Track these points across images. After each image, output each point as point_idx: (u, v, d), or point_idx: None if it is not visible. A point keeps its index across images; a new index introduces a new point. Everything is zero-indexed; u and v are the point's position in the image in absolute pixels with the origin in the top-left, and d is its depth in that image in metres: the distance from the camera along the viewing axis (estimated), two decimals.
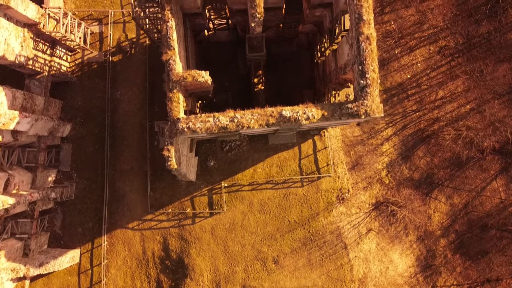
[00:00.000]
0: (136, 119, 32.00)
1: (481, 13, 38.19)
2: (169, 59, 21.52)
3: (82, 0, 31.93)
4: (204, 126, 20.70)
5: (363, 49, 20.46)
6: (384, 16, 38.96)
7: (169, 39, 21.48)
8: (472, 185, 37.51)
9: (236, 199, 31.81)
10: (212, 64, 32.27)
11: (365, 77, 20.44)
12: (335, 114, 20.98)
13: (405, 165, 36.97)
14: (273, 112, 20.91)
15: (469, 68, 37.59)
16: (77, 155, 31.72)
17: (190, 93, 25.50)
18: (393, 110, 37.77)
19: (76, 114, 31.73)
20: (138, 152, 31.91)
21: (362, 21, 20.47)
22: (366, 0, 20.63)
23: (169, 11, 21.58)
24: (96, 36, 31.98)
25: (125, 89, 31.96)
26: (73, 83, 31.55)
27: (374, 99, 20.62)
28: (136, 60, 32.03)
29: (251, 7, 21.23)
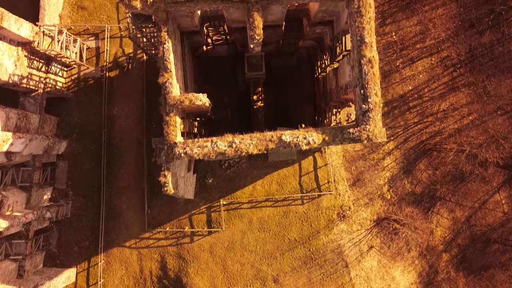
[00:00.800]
0: (133, 136, 31.41)
1: (483, 24, 37.67)
2: (166, 81, 20.95)
3: (78, 15, 31.34)
4: (201, 151, 20.12)
5: (365, 73, 19.88)
6: (385, 27, 38.43)
7: (165, 61, 20.90)
8: (474, 197, 37.01)
9: (235, 217, 31.23)
10: (211, 79, 31.79)
11: (367, 101, 19.86)
12: (336, 138, 20.39)
13: (407, 179, 36.45)
14: (272, 136, 20.32)
15: (472, 79, 37.09)
16: (73, 173, 31.12)
17: (188, 113, 24.94)
18: (394, 123, 37.24)
19: (72, 130, 31.13)
20: (135, 169, 31.33)
21: (364, 44, 19.89)
22: (368, 22, 20.06)
23: (165, 32, 21.00)
24: (92, 51, 31.39)
25: (122, 105, 31.37)
26: (69, 99, 30.97)
27: (376, 124, 20.04)
28: (133, 75, 31.45)
29: (250, 29, 20.65)
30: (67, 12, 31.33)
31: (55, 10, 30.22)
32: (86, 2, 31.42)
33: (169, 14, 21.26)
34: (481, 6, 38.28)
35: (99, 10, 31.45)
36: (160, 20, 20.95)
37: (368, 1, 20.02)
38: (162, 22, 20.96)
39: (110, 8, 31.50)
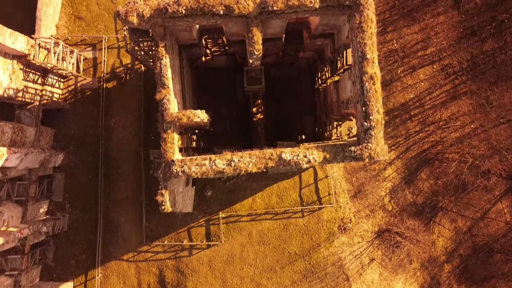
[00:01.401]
0: (131, 147, 30.97)
1: (485, 32, 37.26)
2: (163, 98, 20.52)
3: (75, 25, 30.90)
4: (199, 170, 19.68)
5: (367, 90, 19.45)
6: (387, 35, 38.02)
7: (163, 77, 20.48)
8: (476, 207, 36.58)
9: (235, 230, 30.78)
10: (210, 91, 31.37)
11: (369, 119, 19.43)
12: (337, 156, 19.97)
13: (409, 190, 36.03)
14: (272, 154, 19.89)
15: (474, 87, 36.70)
16: (70, 185, 30.68)
17: (186, 128, 24.52)
18: (396, 132, 36.82)
19: (69, 142, 30.69)
20: (133, 181, 30.89)
21: (366, 60, 19.47)
22: (370, 37, 19.64)
23: (163, 47, 20.58)
24: (89, 62, 30.96)
25: (120, 116, 30.93)
26: (66, 110, 30.54)
27: (378, 142, 19.61)
28: (131, 86, 31.01)
29: (249, 44, 20.22)
30: (64, 22, 30.89)
31: (52, 20, 29.79)
32: (83, 12, 30.98)
33: (167, 29, 20.85)
34: (483, 13, 37.89)
35: (97, 20, 31.02)
36: (158, 35, 20.54)
37: (370, 17, 19.60)
38: (160, 37, 20.54)
39: (107, 18, 31.07)
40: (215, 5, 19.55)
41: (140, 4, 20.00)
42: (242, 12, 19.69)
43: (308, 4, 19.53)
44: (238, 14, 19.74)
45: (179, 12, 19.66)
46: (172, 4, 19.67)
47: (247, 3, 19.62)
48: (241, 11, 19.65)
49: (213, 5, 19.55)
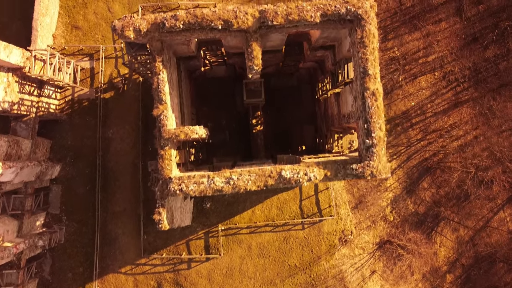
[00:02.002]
0: (129, 159, 30.53)
1: (487, 39, 36.81)
2: (160, 114, 20.07)
3: (72, 34, 30.45)
4: (197, 188, 19.23)
5: (369, 106, 19.01)
6: (388, 42, 37.56)
7: (160, 93, 20.03)
8: (478, 215, 36.12)
9: (234, 243, 30.32)
10: (209, 101, 30.93)
11: (370, 136, 18.98)
12: (338, 174, 19.52)
13: (410, 200, 35.57)
14: (272, 172, 19.43)
15: (476, 94, 36.27)
16: (67, 197, 30.24)
17: (184, 142, 24.06)
18: (397, 141, 36.37)
19: (66, 154, 30.24)
20: (131, 193, 30.44)
21: (368, 76, 19.03)
22: (372, 52, 19.20)
23: (160, 62, 20.14)
24: (87, 72, 30.51)
25: (117, 127, 30.49)
26: (62, 121, 30.08)
27: (380, 159, 19.16)
28: (129, 96, 30.57)
29: (248, 59, 19.77)
30: (61, 32, 30.45)
31: (49, 30, 29.35)
32: (80, 21, 30.55)
33: (164, 43, 20.42)
34: (485, 20, 37.45)
35: (94, 30, 30.58)
36: (155, 50, 20.09)
37: (372, 31, 19.17)
38: (157, 52, 20.10)
39: (105, 28, 30.62)
40: (213, 20, 19.12)
41: (136, 18, 19.56)
42: (241, 27, 19.27)
43: (308, 19, 19.10)
44: (237, 28, 19.32)
45: (177, 26, 19.23)
46: (170, 18, 19.24)
47: (246, 18, 19.20)
48: (240, 25, 19.22)
49: (212, 19, 19.12)
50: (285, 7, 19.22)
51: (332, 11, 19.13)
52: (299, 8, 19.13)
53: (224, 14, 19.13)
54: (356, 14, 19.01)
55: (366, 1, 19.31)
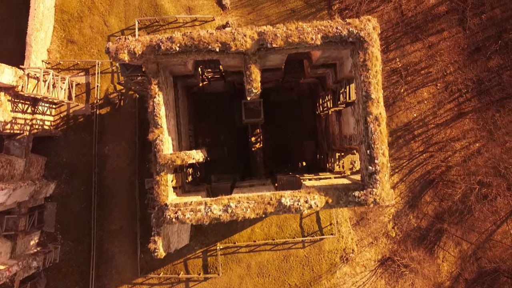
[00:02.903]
0: (125, 176, 29.86)
1: (490, 48, 36.19)
2: (156, 138, 19.42)
3: (67, 49, 29.79)
4: (194, 217, 18.57)
5: (372, 131, 18.34)
6: (389, 53, 36.92)
7: (156, 116, 19.38)
8: (481, 228, 35.46)
9: (233, 262, 29.65)
10: (207, 117, 30.28)
11: (373, 163, 18.31)
12: (340, 201, 18.86)
13: (412, 214, 34.90)
14: (271, 199, 18.77)
15: (479, 105, 35.65)
16: (62, 215, 29.57)
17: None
18: (399, 154, 35.72)
19: (61, 171, 29.58)
20: (128, 211, 29.78)
21: (370, 100, 18.37)
22: (375, 76, 18.54)
23: (156, 85, 19.50)
24: (82, 87, 29.85)
25: (114, 144, 29.82)
26: (58, 137, 29.43)
27: (384, 186, 18.50)
28: (125, 112, 29.91)
29: (247, 82, 19.12)
30: (56, 46, 29.79)
31: (43, 45, 28.71)
32: (76, 35, 29.89)
33: (160, 65, 19.79)
34: (488, 30, 36.81)
35: (90, 44, 29.92)
36: (150, 72, 19.46)
37: (375, 54, 18.52)
38: (152, 74, 19.46)
39: (101, 42, 29.98)
40: (210, 42, 18.47)
41: (131, 40, 18.90)
42: (239, 49, 18.62)
43: (309, 41, 18.45)
44: (235, 51, 18.67)
45: (173, 49, 18.58)
46: (165, 41, 18.59)
47: (245, 40, 18.54)
48: (238, 48, 18.58)
49: (209, 42, 18.47)
50: (285, 29, 18.57)
51: (334, 33, 18.48)
52: (299, 30, 18.49)
53: (222, 37, 18.49)
54: (359, 37, 18.36)
55: (369, 23, 18.67)
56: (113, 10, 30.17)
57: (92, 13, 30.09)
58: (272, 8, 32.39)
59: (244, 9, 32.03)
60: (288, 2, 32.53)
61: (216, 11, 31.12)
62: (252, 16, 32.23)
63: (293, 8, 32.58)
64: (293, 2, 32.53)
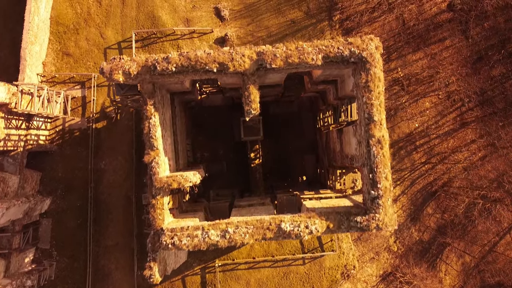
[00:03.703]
0: (122, 191, 29.29)
1: (493, 57, 35.62)
2: (152, 161, 18.83)
3: (63, 62, 29.21)
4: (191, 243, 17.99)
5: (374, 155, 17.76)
6: (391, 63, 36.34)
7: (151, 138, 18.80)
8: (484, 240, 34.89)
9: (232, 279, 29.06)
10: (205, 130, 29.74)
11: (376, 187, 17.73)
12: (342, 226, 18.28)
13: (414, 227, 34.33)
14: (270, 224, 18.20)
15: (481, 114, 35.10)
16: (58, 231, 28.99)
17: None
18: (400, 165, 35.13)
19: (56, 186, 29.00)
20: (124, 227, 29.19)
21: (373, 122, 17.78)
22: (377, 97, 17.96)
23: (151, 105, 18.92)
24: (78, 101, 29.28)
25: (110, 158, 29.25)
26: (53, 152, 28.85)
27: (387, 212, 17.92)
28: (122, 126, 29.33)
29: (246, 104, 18.53)
30: (51, 59, 29.21)
31: (38, 58, 28.13)
32: (71, 48, 29.30)
33: (156, 84, 19.21)
34: (491, 38, 36.24)
35: (86, 57, 29.34)
36: (146, 93, 18.88)
37: (378, 75, 17.94)
38: (148, 94, 18.88)
39: (97, 55, 29.41)
40: (208, 63, 17.89)
41: (126, 60, 18.34)
42: (237, 70, 18.04)
43: (309, 62, 17.88)
44: (233, 71, 18.10)
45: (169, 70, 18.00)
46: (161, 61, 18.01)
47: (243, 60, 17.98)
48: (236, 68, 18.01)
49: (206, 62, 17.89)
50: (285, 49, 18.00)
51: (335, 54, 17.91)
52: (300, 50, 17.91)
53: (220, 57, 17.92)
54: (361, 57, 17.79)
55: (371, 42, 18.10)
56: (110, 22, 29.60)
57: (88, 25, 29.51)
58: (272, 19, 31.82)
59: (243, 20, 31.45)
60: (288, 13, 31.95)
61: (214, 22, 30.55)
62: (251, 27, 31.65)
63: (293, 19, 31.99)
64: (293, 13, 31.94)
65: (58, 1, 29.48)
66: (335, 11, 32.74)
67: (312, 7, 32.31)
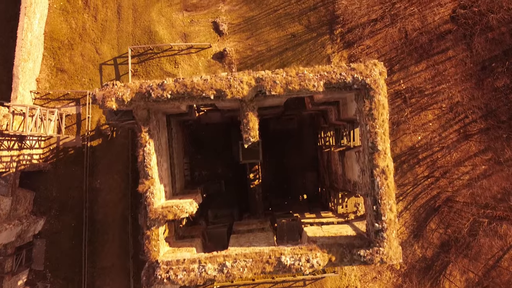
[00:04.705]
0: (118, 211, 28.54)
1: (497, 67, 34.86)
2: (147, 190, 18.08)
3: (57, 78, 28.47)
4: (187, 277, 17.24)
5: (378, 186, 17.01)
6: (393, 75, 35.58)
7: (146, 167, 18.05)
8: (488, 254, 34.13)
9: None
10: (203, 148, 28.99)
11: (380, 220, 16.99)
12: (344, 259, 17.54)
13: (417, 244, 33.56)
14: (270, 257, 17.47)
15: (485, 126, 34.35)
16: (52, 252, 28.24)
17: None
18: (403, 180, 34.37)
19: (50, 206, 28.25)
20: (120, 248, 28.45)
21: (377, 152, 17.03)
22: (382, 125, 17.21)
23: (146, 133, 18.17)
24: (73, 118, 28.53)
25: (106, 177, 28.50)
26: (47, 171, 28.11)
27: (391, 245, 17.17)
28: (118, 144, 28.58)
29: (244, 131, 17.79)
30: (45, 75, 28.47)
31: (31, 75, 27.40)
32: (66, 64, 28.56)
33: (151, 110, 18.47)
34: (494, 48, 35.48)
35: (81, 73, 28.60)
36: (140, 120, 18.13)
37: (382, 102, 17.20)
38: (143, 121, 18.13)
39: (92, 71, 28.66)
40: (204, 90, 17.15)
41: (119, 86, 17.59)
42: (235, 97, 17.30)
43: (310, 89, 17.14)
44: (231, 98, 17.35)
45: (164, 97, 17.26)
46: (156, 88, 17.27)
47: (241, 87, 17.24)
48: (234, 95, 17.27)
49: (203, 89, 17.15)
50: (285, 75, 17.25)
51: (337, 80, 17.16)
52: (300, 76, 17.16)
53: (217, 83, 17.17)
54: (364, 84, 17.04)
55: (375, 68, 17.34)
56: (105, 37, 28.86)
57: (84, 41, 28.77)
58: (272, 33, 31.07)
59: (242, 34, 30.71)
60: (288, 26, 31.20)
61: (213, 37, 29.79)
62: (250, 41, 30.90)
63: (294, 32, 31.25)
64: (293, 27, 31.20)
65: (52, 16, 28.74)
66: (336, 24, 31.99)
67: (313, 20, 31.56)
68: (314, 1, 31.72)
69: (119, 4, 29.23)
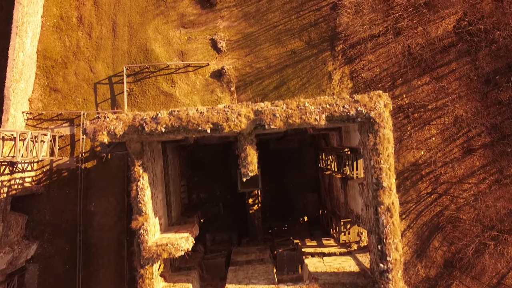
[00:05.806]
0: (113, 234, 27.68)
1: (501, 80, 34.03)
2: (140, 227, 17.26)
3: (50, 98, 27.64)
4: None
5: (383, 224, 16.18)
6: (395, 90, 34.73)
7: (139, 203, 17.25)
8: (492, 271, 33.29)
9: None
10: (201, 170, 28.16)
11: (385, 260, 16.16)
12: None
13: (421, 264, 32.71)
14: None
15: (489, 140, 33.55)
16: (45, 277, 27.37)
17: None
18: (406, 197, 33.51)
19: (43, 230, 27.40)
20: (115, 273, 27.59)
21: (382, 189, 16.21)
22: (387, 160, 16.38)
23: (140, 166, 17.35)
24: (66, 139, 27.70)
25: (100, 200, 27.65)
26: (40, 194, 27.27)
27: (397, 285, 16.34)
28: (113, 166, 27.72)
29: (242, 166, 16.97)
30: (38, 95, 27.64)
31: (24, 95, 26.57)
32: (59, 83, 27.73)
33: (145, 142, 17.66)
34: (498, 61, 34.64)
35: (74, 93, 27.76)
36: (134, 153, 17.32)
37: (387, 136, 16.37)
38: (136, 155, 17.31)
39: (86, 90, 27.83)
40: (200, 124, 16.34)
41: (111, 119, 16.78)
42: (233, 130, 16.49)
43: (312, 122, 16.33)
44: (229, 132, 16.54)
45: (158, 130, 16.44)
46: (150, 121, 16.46)
47: (239, 120, 16.42)
48: (232, 129, 16.45)
49: (199, 123, 16.34)
50: (285, 108, 16.44)
51: (340, 113, 16.35)
52: (301, 109, 16.35)
53: (214, 117, 16.36)
54: (368, 117, 16.22)
55: (379, 99, 16.52)
56: (100, 56, 28.02)
57: (78, 59, 27.94)
58: (271, 50, 30.25)
59: (241, 50, 29.89)
60: (289, 43, 30.38)
61: (211, 55, 28.97)
62: (250, 58, 30.07)
63: (294, 49, 30.43)
64: (293, 43, 30.37)
65: (45, 34, 27.92)
66: (338, 40, 31.16)
67: (314, 36, 30.74)
68: (315, 17, 30.91)
69: (114, 22, 28.41)
